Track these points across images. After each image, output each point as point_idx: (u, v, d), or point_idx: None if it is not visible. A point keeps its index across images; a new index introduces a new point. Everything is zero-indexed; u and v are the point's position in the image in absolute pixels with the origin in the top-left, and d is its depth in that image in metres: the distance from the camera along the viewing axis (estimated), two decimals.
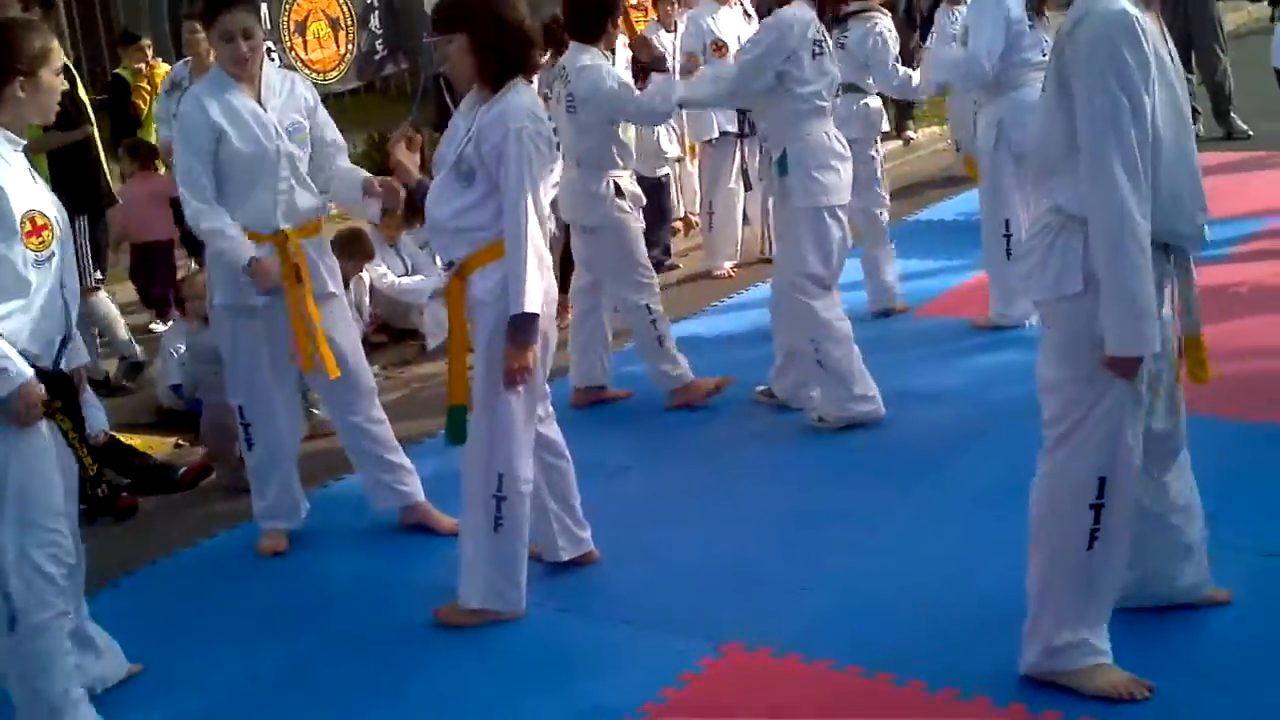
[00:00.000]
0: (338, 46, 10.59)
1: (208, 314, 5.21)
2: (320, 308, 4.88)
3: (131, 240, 8.23)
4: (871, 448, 5.54)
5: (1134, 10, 3.31)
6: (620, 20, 5.96)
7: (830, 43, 5.78)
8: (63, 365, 3.78)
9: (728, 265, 8.66)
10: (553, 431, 4.56)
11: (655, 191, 7.99)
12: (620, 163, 6.01)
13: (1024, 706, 3.58)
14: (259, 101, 4.82)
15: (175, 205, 7.77)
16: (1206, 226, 3.53)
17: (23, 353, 3.54)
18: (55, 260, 3.66)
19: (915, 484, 5.11)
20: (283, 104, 4.86)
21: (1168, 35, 3.49)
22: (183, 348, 6.42)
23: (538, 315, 4.09)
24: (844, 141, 5.79)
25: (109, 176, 7.45)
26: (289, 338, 4.88)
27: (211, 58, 5.36)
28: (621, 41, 6.56)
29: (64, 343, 3.77)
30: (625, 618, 4.29)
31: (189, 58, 7.94)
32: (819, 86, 5.64)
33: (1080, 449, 3.51)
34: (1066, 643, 3.61)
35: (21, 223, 3.57)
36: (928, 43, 8.39)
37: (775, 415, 6.00)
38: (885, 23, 7.15)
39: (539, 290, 4.09)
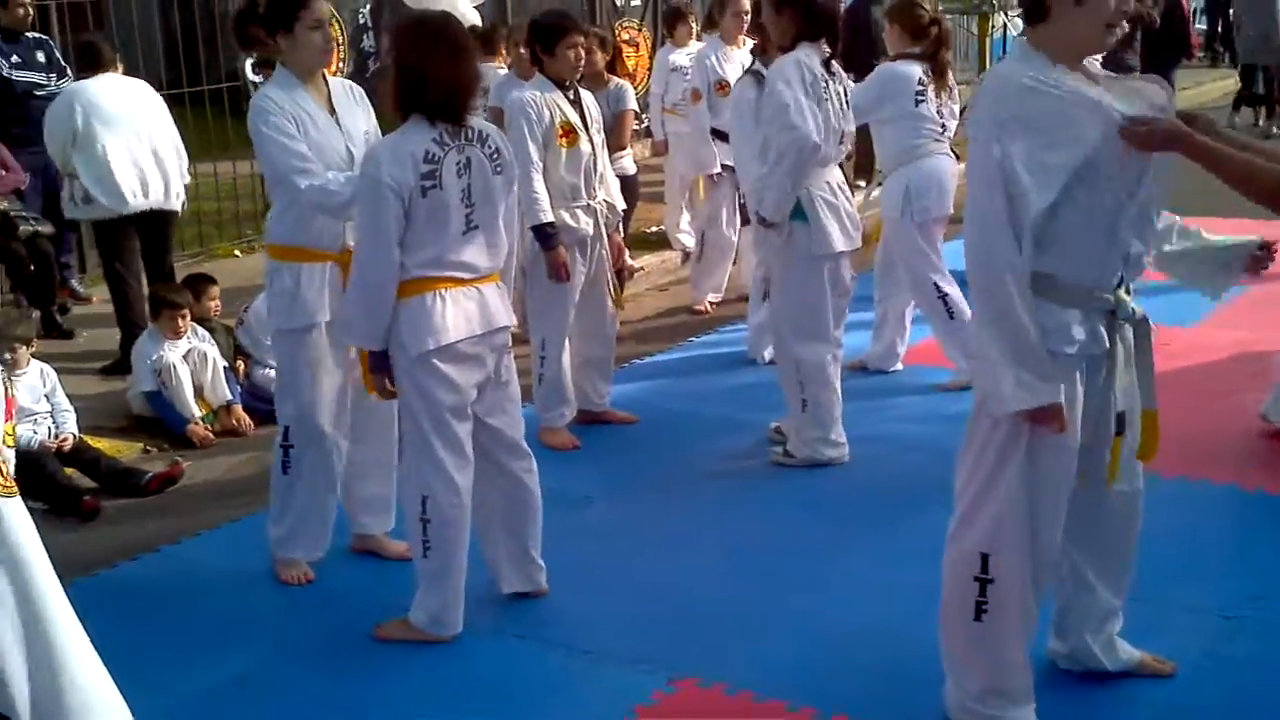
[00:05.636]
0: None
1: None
2: None
3: None
4: (837, 490, 5.54)
5: (1031, 72, 3.26)
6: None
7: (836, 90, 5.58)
8: None
9: (709, 299, 8.65)
10: (516, 465, 4.44)
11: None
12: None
13: None
14: (330, 106, 4.57)
15: None
16: (1124, 293, 3.44)
17: None
18: None
19: (878, 528, 5.10)
20: (352, 112, 4.63)
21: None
22: (156, 355, 6.40)
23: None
24: (843, 190, 5.71)
25: None
26: (345, 359, 4.68)
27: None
28: None
29: None
30: (582, 648, 4.27)
31: None
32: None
33: (967, 522, 3.54)
34: (972, 709, 3.61)
35: None
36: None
37: (739, 451, 6.01)
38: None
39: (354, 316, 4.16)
